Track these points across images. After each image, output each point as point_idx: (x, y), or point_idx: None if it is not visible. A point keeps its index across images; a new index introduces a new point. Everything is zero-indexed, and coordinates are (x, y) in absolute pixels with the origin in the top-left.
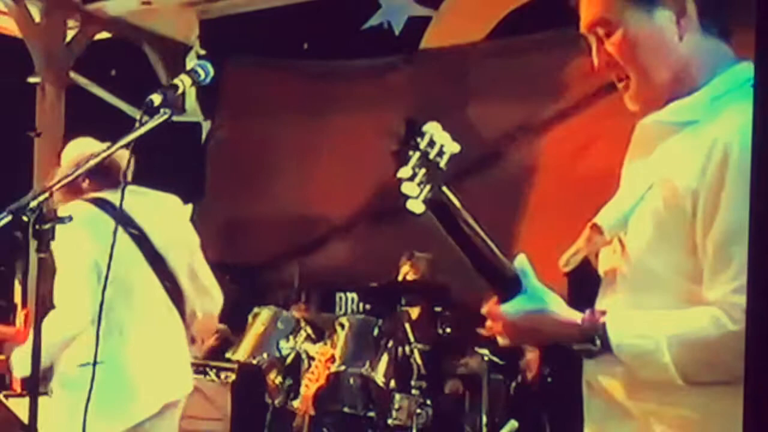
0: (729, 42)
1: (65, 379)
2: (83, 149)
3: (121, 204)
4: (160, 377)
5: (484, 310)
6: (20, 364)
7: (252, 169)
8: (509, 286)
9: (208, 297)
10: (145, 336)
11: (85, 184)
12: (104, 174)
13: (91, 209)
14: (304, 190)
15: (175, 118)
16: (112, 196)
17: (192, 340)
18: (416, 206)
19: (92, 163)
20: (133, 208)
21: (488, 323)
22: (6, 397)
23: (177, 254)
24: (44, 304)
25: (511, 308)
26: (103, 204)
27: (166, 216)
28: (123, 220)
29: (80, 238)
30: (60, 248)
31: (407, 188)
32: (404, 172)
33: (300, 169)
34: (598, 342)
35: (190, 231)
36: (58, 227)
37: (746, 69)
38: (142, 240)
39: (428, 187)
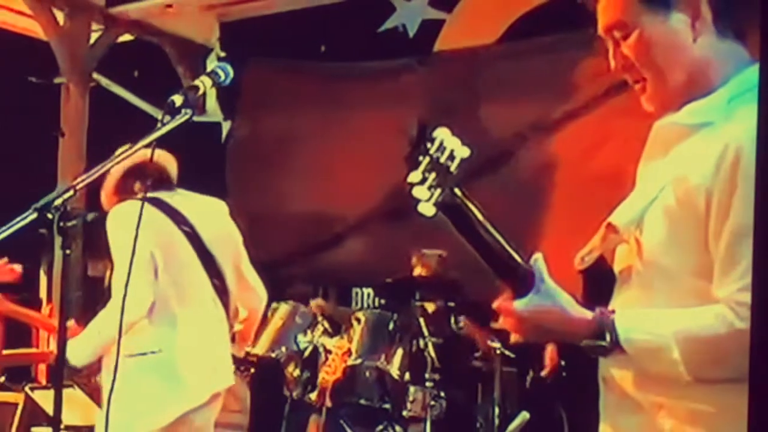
0: (745, 44)
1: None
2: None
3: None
4: (208, 369)
5: (495, 304)
6: (74, 354)
7: (270, 168)
8: (522, 283)
9: (253, 294)
10: (194, 329)
11: (137, 187)
12: (155, 177)
13: (145, 206)
14: (322, 188)
15: (195, 118)
16: (163, 195)
17: (233, 338)
18: (427, 209)
19: (117, 160)
20: (184, 207)
21: (500, 319)
22: (32, 389)
23: (224, 252)
24: (69, 299)
25: (523, 305)
26: (155, 202)
27: (213, 216)
28: (176, 218)
29: (127, 234)
30: (116, 242)
31: (418, 192)
32: (414, 176)
33: (317, 168)
34: (608, 338)
35: (235, 230)
36: (115, 225)
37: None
38: (193, 238)
39: (439, 190)
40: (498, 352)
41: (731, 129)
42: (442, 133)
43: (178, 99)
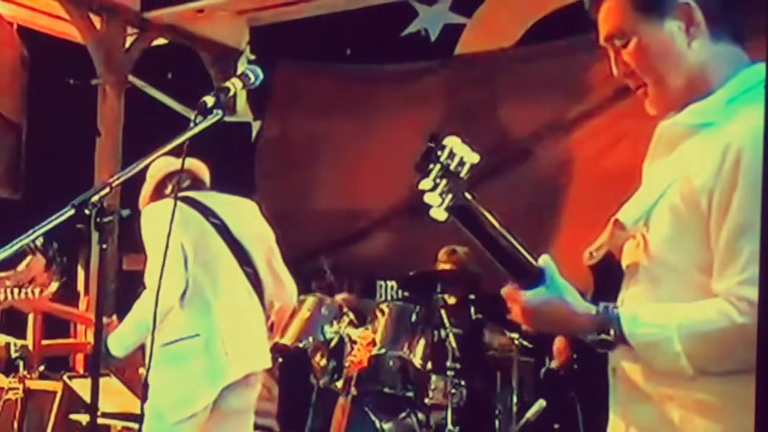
0: (742, 46)
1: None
2: (163, 164)
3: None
4: (243, 351)
5: (503, 291)
6: (115, 345)
7: (298, 166)
8: (532, 280)
9: (283, 288)
10: (229, 314)
11: (168, 190)
12: (187, 181)
13: (178, 204)
14: (347, 185)
15: (227, 119)
16: (194, 194)
17: (270, 328)
18: (439, 214)
19: (152, 158)
20: (214, 204)
21: (508, 306)
22: (70, 378)
23: (255, 246)
24: (105, 291)
25: (531, 295)
26: (185, 199)
27: (243, 213)
28: (205, 212)
29: (167, 226)
30: (148, 237)
31: (429, 198)
32: (425, 183)
33: (343, 166)
34: (612, 333)
35: (265, 227)
36: (150, 221)
37: (759, 71)
38: (222, 229)
39: (450, 196)
40: (516, 342)
41: (732, 129)
42: (452, 141)
43: (209, 100)
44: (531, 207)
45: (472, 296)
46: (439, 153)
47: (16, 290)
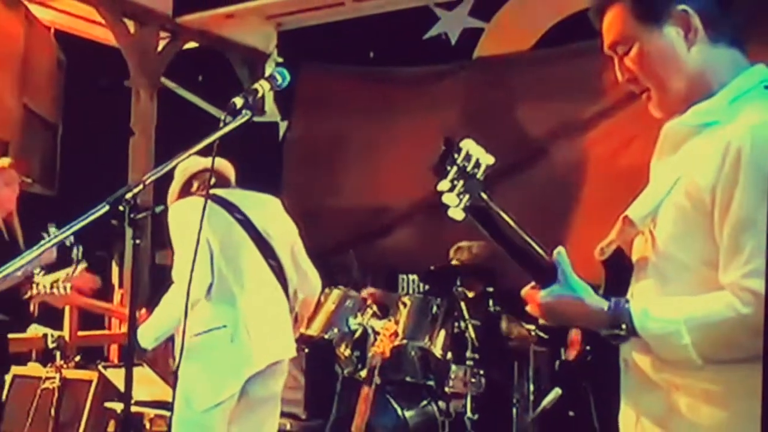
0: (741, 48)
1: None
2: (190, 163)
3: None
4: (268, 341)
5: (523, 292)
6: (144, 338)
7: (324, 165)
8: (546, 275)
9: (307, 281)
10: (253, 305)
11: (194, 188)
12: (214, 177)
13: (197, 200)
14: (370, 183)
15: (255, 119)
16: (219, 191)
17: (295, 318)
18: (456, 214)
19: (184, 157)
20: (238, 200)
21: (528, 306)
22: (105, 367)
23: (279, 239)
24: (139, 285)
25: (546, 294)
26: (212, 197)
27: (266, 208)
28: (229, 208)
29: (194, 222)
30: (175, 233)
31: (447, 199)
32: (443, 185)
33: (367, 164)
34: (624, 327)
35: (288, 221)
36: (176, 218)
37: (758, 72)
38: (247, 224)
39: (467, 196)
40: (532, 334)
41: (733, 128)
42: (467, 144)
43: (238, 101)
44: (546, 204)
45: (490, 289)
46: (455, 155)
47: (46, 286)
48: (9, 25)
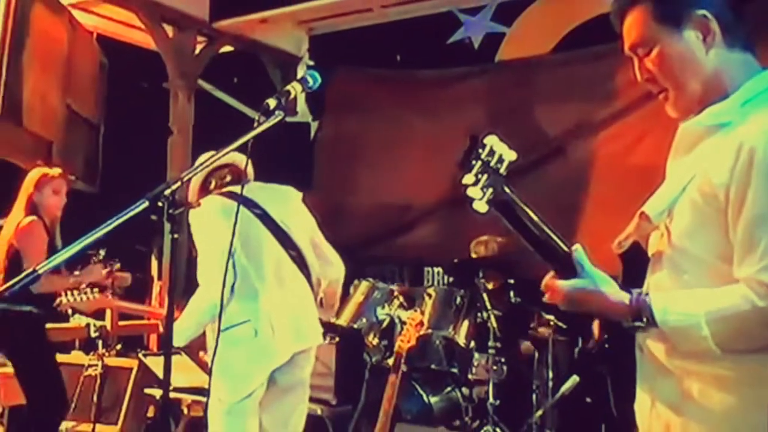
0: (753, 53)
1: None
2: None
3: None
4: (290, 331)
5: (543, 283)
6: (175, 336)
7: (353, 163)
8: (565, 265)
9: (330, 266)
10: (275, 298)
11: (212, 185)
12: (231, 176)
13: (223, 200)
14: (397, 180)
15: (287, 119)
16: (236, 188)
17: (320, 304)
18: (481, 207)
19: (218, 156)
20: (255, 195)
21: (547, 295)
22: (144, 356)
23: (297, 228)
24: (177, 277)
25: (568, 285)
26: (230, 194)
27: (284, 199)
28: (247, 204)
29: (216, 224)
30: (200, 235)
31: (472, 192)
32: (468, 179)
33: (393, 162)
34: (644, 320)
35: (305, 211)
36: (197, 219)
37: None
38: (264, 217)
39: (490, 190)
40: (552, 323)
41: (745, 129)
42: (491, 140)
43: (272, 102)
44: (562, 199)
45: (511, 281)
46: (480, 151)
47: (75, 293)
48: (54, 30)
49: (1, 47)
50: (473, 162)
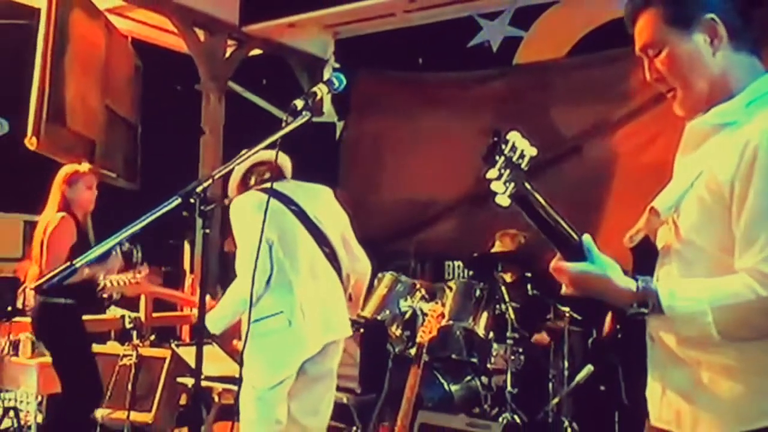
0: (759, 57)
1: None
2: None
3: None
4: (321, 323)
5: (551, 265)
6: (211, 324)
7: (376, 161)
8: (577, 255)
9: (358, 262)
10: (308, 291)
11: (252, 181)
12: (270, 173)
13: (261, 195)
14: (419, 177)
15: (314, 119)
16: (275, 185)
17: (349, 298)
18: (503, 200)
19: (249, 154)
20: (292, 192)
21: (556, 276)
22: (177, 346)
23: (330, 225)
24: (208, 270)
25: (577, 268)
26: (268, 190)
27: (318, 197)
28: (284, 200)
29: (254, 218)
30: (237, 228)
31: (495, 186)
32: (492, 173)
33: (415, 160)
34: (650, 305)
35: (339, 209)
36: (237, 214)
37: None
38: (301, 215)
39: (512, 184)
40: (567, 314)
41: (751, 129)
42: (514, 136)
43: (299, 103)
44: (579, 196)
45: (528, 274)
46: (503, 146)
47: (116, 278)
48: (91, 35)
49: (44, 53)
50: (497, 157)
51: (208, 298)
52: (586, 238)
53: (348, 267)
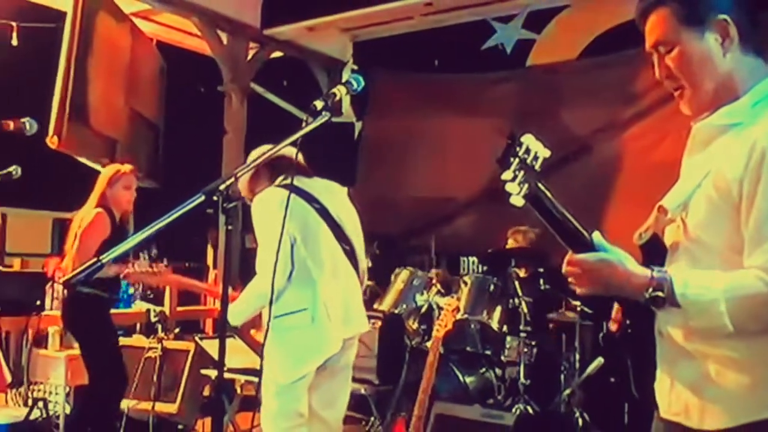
0: (764, 58)
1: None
2: (261, 149)
3: (292, 180)
4: (341, 320)
5: (566, 259)
6: (232, 317)
7: (393, 160)
8: (588, 252)
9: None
10: (330, 288)
11: (278, 181)
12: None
13: (284, 193)
14: (435, 176)
15: (333, 119)
16: (298, 182)
17: (364, 293)
18: (517, 201)
19: (269, 154)
20: (314, 189)
21: (567, 268)
22: (201, 339)
23: (349, 222)
24: (231, 266)
25: (592, 256)
26: (289, 187)
27: (337, 195)
28: (307, 197)
29: (278, 216)
30: (260, 223)
31: (510, 187)
32: (507, 175)
33: (431, 159)
34: (665, 292)
35: (352, 206)
36: (259, 209)
37: None
38: (323, 212)
39: (526, 185)
40: (578, 309)
41: (756, 130)
42: (528, 139)
43: (319, 103)
44: (589, 193)
45: (541, 270)
46: (517, 149)
47: (140, 266)
48: (117, 37)
49: (68, 54)
50: (511, 159)
51: (230, 290)
52: (596, 235)
53: (364, 263)
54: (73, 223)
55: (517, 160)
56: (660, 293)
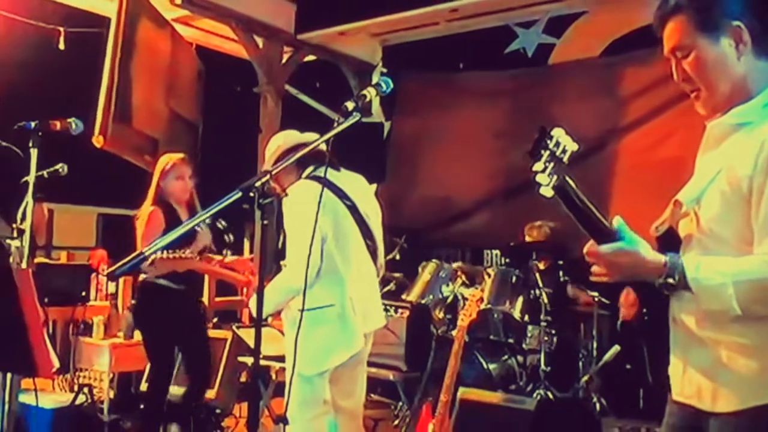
0: None
1: (291, 320)
2: (284, 138)
3: (325, 173)
4: (367, 316)
5: (585, 249)
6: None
7: (420, 157)
8: (609, 241)
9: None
10: (356, 285)
11: (307, 172)
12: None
13: (317, 187)
14: (459, 172)
15: (363, 120)
16: (328, 175)
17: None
18: (547, 192)
19: (304, 152)
20: (344, 184)
21: (590, 261)
22: (238, 328)
23: (374, 218)
24: (266, 259)
25: (608, 248)
26: (321, 180)
27: (364, 190)
28: (339, 193)
29: (310, 210)
30: (290, 215)
31: (540, 178)
32: (538, 166)
33: (456, 156)
34: (677, 277)
35: (377, 203)
36: (290, 202)
37: None
38: (353, 209)
39: (555, 177)
40: (596, 299)
41: (766, 128)
42: (558, 132)
43: (350, 104)
44: (603, 187)
45: (560, 262)
46: (548, 141)
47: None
48: (158, 42)
49: (113, 57)
50: (542, 151)
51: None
52: (617, 220)
53: (382, 258)
54: (136, 222)
55: (547, 152)
56: (672, 279)
